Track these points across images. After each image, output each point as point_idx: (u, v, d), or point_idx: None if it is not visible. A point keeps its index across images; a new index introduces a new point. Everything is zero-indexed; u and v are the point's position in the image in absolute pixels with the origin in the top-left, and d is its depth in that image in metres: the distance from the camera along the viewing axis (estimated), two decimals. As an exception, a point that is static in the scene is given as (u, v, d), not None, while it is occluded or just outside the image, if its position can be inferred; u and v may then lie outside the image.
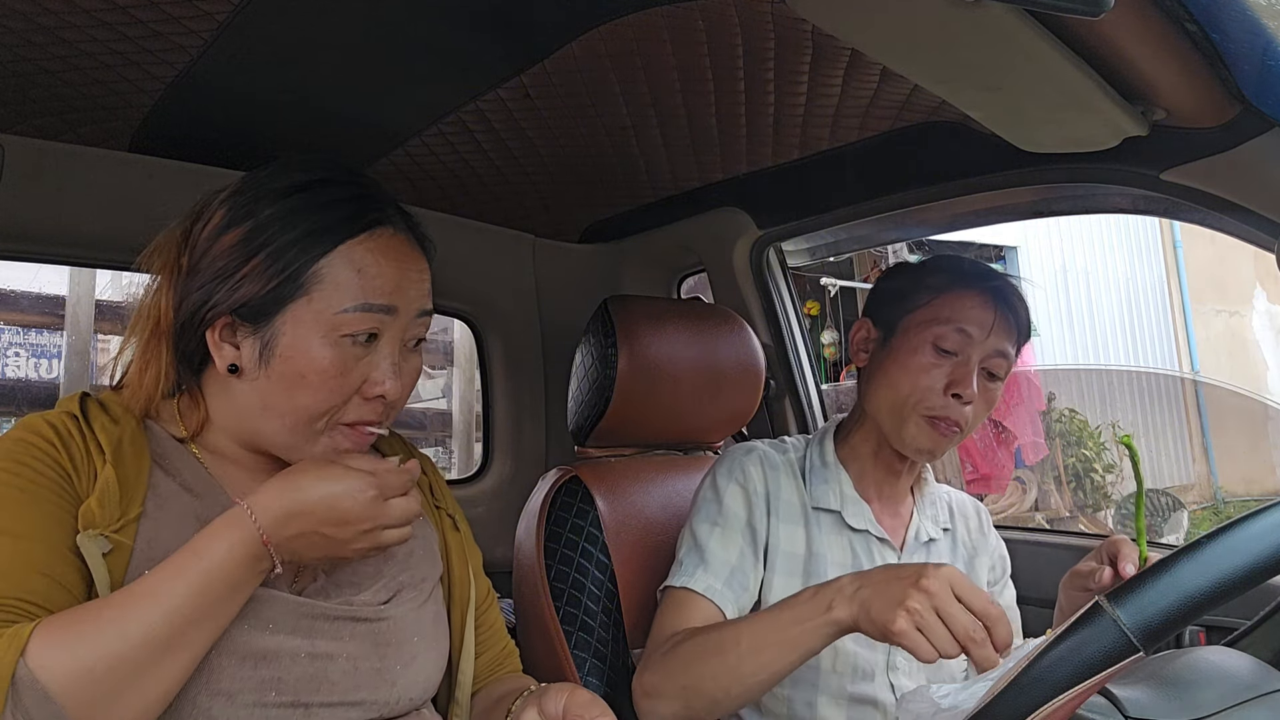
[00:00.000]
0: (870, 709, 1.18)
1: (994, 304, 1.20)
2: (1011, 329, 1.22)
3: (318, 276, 0.87)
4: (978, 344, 1.19)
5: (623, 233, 1.94)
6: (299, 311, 0.86)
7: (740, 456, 1.29)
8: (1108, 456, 6.93)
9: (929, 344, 1.20)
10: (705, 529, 1.23)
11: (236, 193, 0.91)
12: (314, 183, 0.91)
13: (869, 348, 1.29)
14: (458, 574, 1.06)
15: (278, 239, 0.87)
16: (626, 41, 1.14)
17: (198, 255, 0.89)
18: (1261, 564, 0.67)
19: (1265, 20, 0.86)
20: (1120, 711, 0.75)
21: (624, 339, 1.41)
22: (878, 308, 1.30)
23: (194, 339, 0.89)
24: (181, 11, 1.04)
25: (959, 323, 1.19)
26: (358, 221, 0.89)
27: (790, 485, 1.28)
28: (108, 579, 0.80)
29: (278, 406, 0.88)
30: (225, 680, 0.82)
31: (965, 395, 1.17)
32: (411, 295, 0.92)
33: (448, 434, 4.77)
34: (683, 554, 1.23)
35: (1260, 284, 9.89)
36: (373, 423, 0.91)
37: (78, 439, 0.85)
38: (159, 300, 0.92)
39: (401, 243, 0.92)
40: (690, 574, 1.19)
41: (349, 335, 0.87)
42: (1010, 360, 1.22)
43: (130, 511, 0.83)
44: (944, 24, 0.82)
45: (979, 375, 1.19)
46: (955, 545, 1.33)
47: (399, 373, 0.91)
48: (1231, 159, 1.04)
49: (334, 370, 0.87)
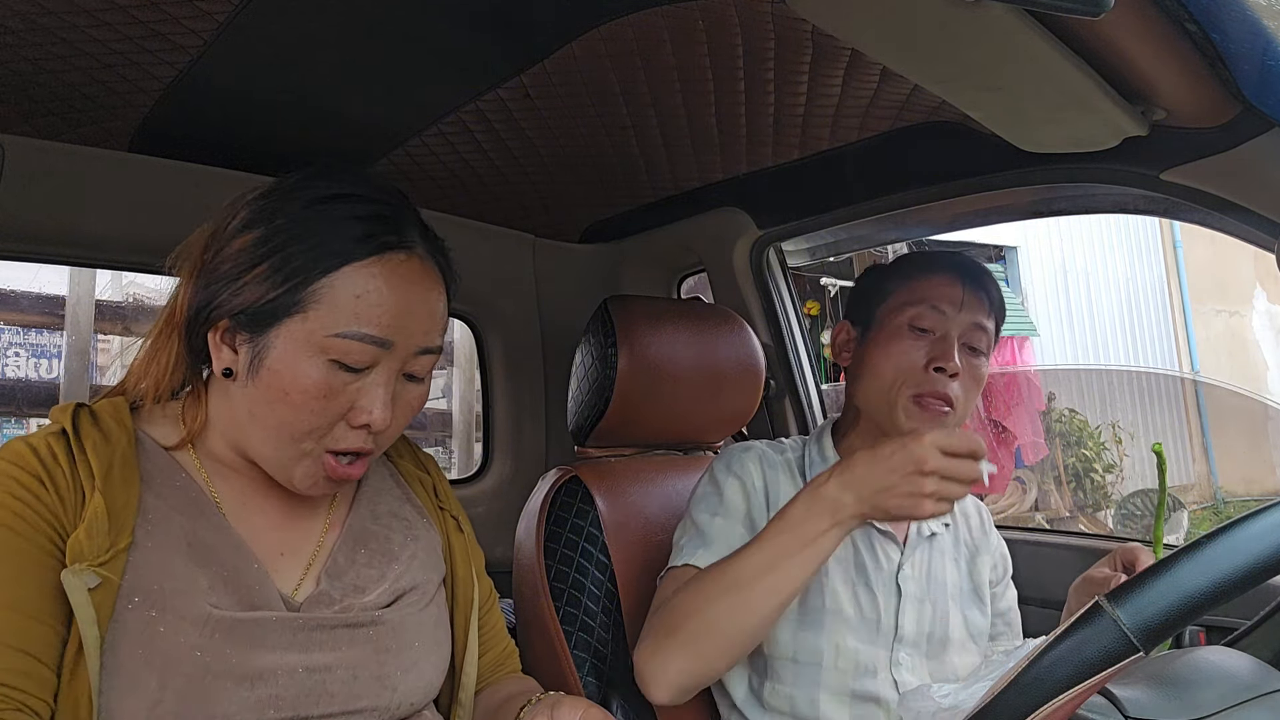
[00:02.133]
0: (873, 706, 1.18)
1: (961, 280, 1.24)
2: (984, 303, 1.24)
3: (317, 295, 0.84)
4: (953, 319, 1.22)
5: (623, 233, 1.94)
6: (293, 327, 0.84)
7: (739, 453, 1.29)
8: (1108, 456, 6.94)
9: (905, 325, 1.23)
10: (706, 517, 1.23)
11: (262, 195, 0.90)
12: (335, 197, 0.88)
13: (850, 347, 1.32)
14: (461, 575, 1.06)
15: (285, 249, 0.85)
16: (626, 41, 1.14)
17: (215, 253, 0.89)
18: (1261, 564, 0.67)
19: (1265, 20, 0.86)
20: (1120, 711, 0.75)
21: (624, 339, 1.41)
22: (854, 308, 1.35)
23: (199, 336, 0.89)
24: (181, 11, 1.04)
25: (931, 301, 1.22)
26: (368, 244, 0.86)
27: (789, 483, 1.28)
28: (93, 615, 0.77)
29: (262, 418, 0.86)
30: (222, 703, 0.80)
31: (948, 368, 1.19)
32: (413, 330, 0.88)
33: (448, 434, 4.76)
34: (683, 540, 1.22)
35: (1260, 284, 9.89)
36: (360, 451, 0.89)
37: (64, 466, 0.82)
38: (179, 294, 0.91)
39: (414, 270, 0.88)
40: (692, 553, 1.19)
41: (337, 361, 0.85)
42: (989, 335, 1.25)
43: (120, 541, 0.80)
44: (944, 24, 0.82)
45: (961, 351, 1.21)
46: (957, 542, 1.33)
47: (391, 403, 0.88)
48: (1231, 159, 1.04)
49: (317, 392, 0.84)
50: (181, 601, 0.81)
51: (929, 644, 1.23)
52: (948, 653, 1.24)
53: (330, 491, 0.93)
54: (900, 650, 1.21)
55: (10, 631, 0.76)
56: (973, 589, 1.31)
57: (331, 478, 0.89)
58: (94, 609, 0.77)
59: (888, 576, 1.24)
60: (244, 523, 0.90)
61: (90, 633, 0.77)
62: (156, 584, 0.81)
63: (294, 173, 0.91)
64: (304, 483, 0.89)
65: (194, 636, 0.80)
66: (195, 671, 0.80)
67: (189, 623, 0.81)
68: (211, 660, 0.81)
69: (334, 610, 0.90)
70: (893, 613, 1.21)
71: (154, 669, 0.79)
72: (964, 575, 1.31)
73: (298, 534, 0.94)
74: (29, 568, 0.78)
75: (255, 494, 0.93)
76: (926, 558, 1.27)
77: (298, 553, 0.93)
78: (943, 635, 1.24)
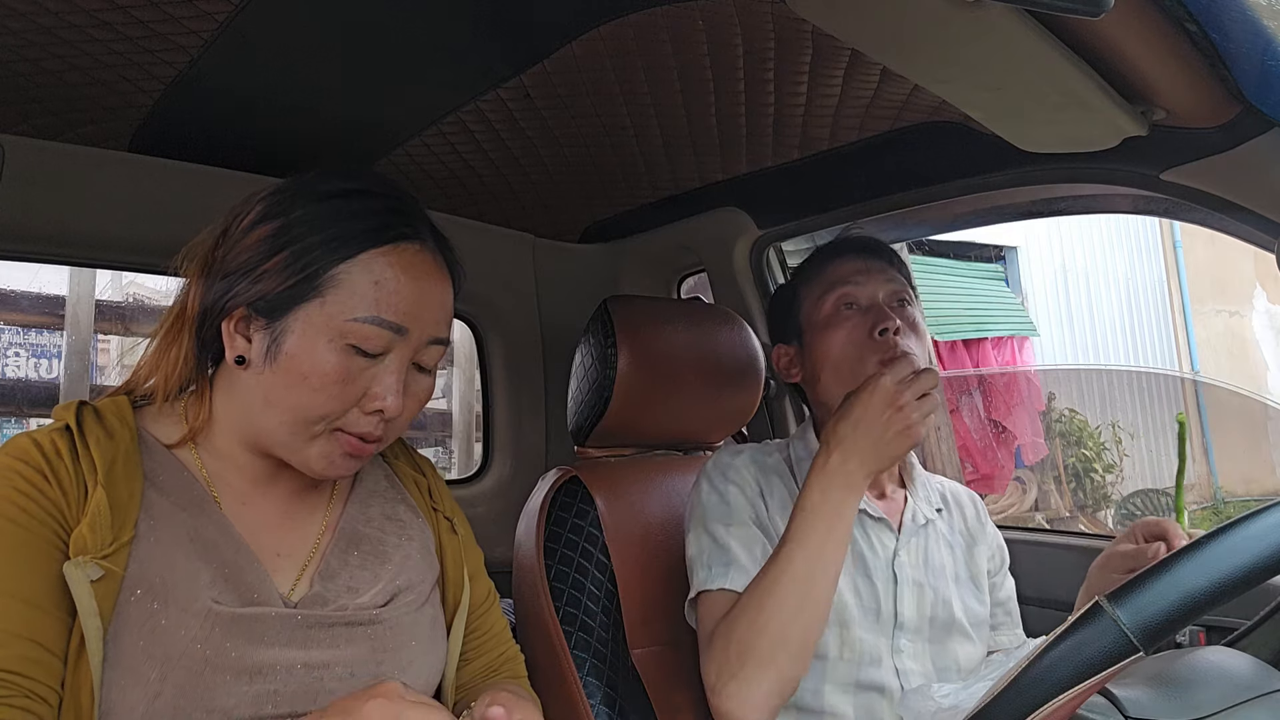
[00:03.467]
0: (877, 695, 1.18)
1: (857, 254, 1.31)
2: (885, 262, 1.31)
3: (335, 281, 0.87)
4: (867, 285, 1.28)
5: (623, 233, 1.94)
6: (311, 312, 0.87)
7: (730, 459, 1.30)
8: (1108, 456, 6.94)
9: (833, 312, 1.29)
10: (721, 529, 1.22)
11: (276, 191, 0.92)
12: (351, 191, 0.91)
13: (795, 362, 1.36)
14: (451, 577, 1.06)
15: (304, 238, 0.87)
16: (626, 41, 1.14)
17: (229, 248, 0.91)
18: (1261, 564, 0.66)
19: (1265, 20, 0.86)
20: (1120, 711, 0.75)
21: (624, 339, 1.41)
22: (779, 329, 1.40)
23: (212, 328, 0.90)
24: (181, 11, 1.04)
25: (844, 280, 1.29)
26: (384, 233, 0.89)
27: (780, 483, 1.29)
28: (95, 607, 0.78)
29: (278, 403, 0.88)
30: (221, 697, 0.81)
31: (891, 326, 1.22)
32: (426, 319, 0.91)
33: (448, 434, 4.76)
34: (706, 557, 1.21)
35: (1260, 284, 9.89)
36: (371, 436, 0.91)
37: (67, 462, 0.83)
38: (188, 293, 0.93)
39: (426, 262, 0.92)
40: (724, 574, 1.18)
41: (355, 345, 0.87)
42: (904, 286, 1.30)
43: (123, 535, 0.82)
44: (944, 24, 0.82)
45: (891, 310, 1.26)
46: (953, 530, 1.34)
47: (403, 391, 0.90)
48: (1231, 159, 1.04)
49: (335, 376, 0.87)
50: (183, 595, 0.82)
51: (930, 628, 1.23)
52: (950, 639, 1.24)
53: (347, 472, 0.93)
54: (901, 637, 1.21)
55: (18, 621, 0.77)
56: (970, 577, 1.32)
57: (350, 453, 0.91)
58: (96, 601, 0.78)
59: (884, 564, 1.24)
60: (243, 522, 0.91)
61: (92, 624, 0.78)
62: (159, 577, 0.82)
63: (306, 172, 0.94)
64: (320, 463, 0.90)
65: (195, 629, 0.81)
66: (195, 664, 0.80)
67: (190, 616, 0.81)
68: (212, 654, 0.81)
69: (329, 610, 0.91)
70: (891, 599, 1.22)
71: (155, 661, 0.79)
72: (961, 563, 1.32)
73: (295, 535, 0.95)
74: (35, 560, 0.79)
75: (254, 494, 0.94)
76: (923, 544, 1.28)
77: (294, 554, 0.94)
78: (945, 619, 1.24)
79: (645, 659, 1.32)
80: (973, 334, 6.90)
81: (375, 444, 0.92)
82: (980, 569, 1.33)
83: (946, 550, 1.30)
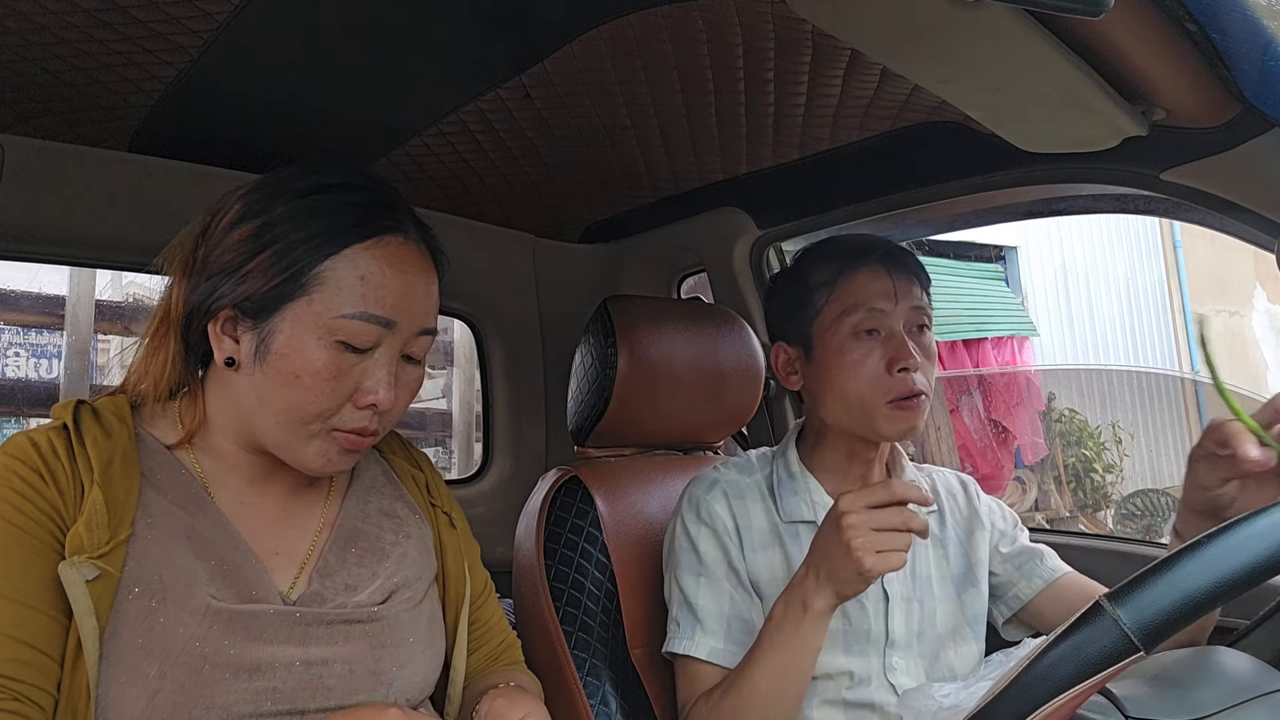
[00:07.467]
0: (868, 712, 1.17)
1: (885, 269, 1.21)
2: (912, 282, 1.22)
3: (320, 278, 0.86)
4: (893, 313, 1.20)
5: (623, 233, 1.94)
6: (298, 311, 0.86)
7: (702, 495, 1.27)
8: (1108, 456, 6.94)
9: (850, 336, 1.20)
10: (691, 582, 1.22)
11: (255, 189, 0.91)
12: (331, 186, 0.91)
13: (795, 368, 1.29)
14: (453, 572, 1.07)
15: (286, 236, 0.87)
16: (626, 41, 1.14)
17: (210, 248, 0.90)
18: (1262, 564, 0.66)
19: (1265, 20, 0.86)
20: (1120, 711, 0.75)
21: (624, 339, 1.41)
22: (783, 326, 1.31)
23: (198, 330, 0.90)
24: (181, 11, 1.04)
25: (867, 303, 1.20)
26: (368, 227, 0.89)
27: (759, 510, 1.26)
28: (90, 607, 0.78)
29: (271, 403, 0.88)
30: (220, 694, 0.81)
31: (910, 365, 1.18)
32: (414, 311, 0.91)
33: (448, 434, 4.76)
34: (675, 610, 1.23)
35: (1260, 284, 9.89)
36: (366, 431, 0.91)
37: (64, 461, 0.83)
38: (171, 293, 0.93)
39: (411, 253, 0.91)
40: (690, 636, 1.19)
41: (344, 342, 0.87)
42: (926, 308, 1.23)
43: (119, 533, 0.82)
44: (944, 24, 0.82)
45: (910, 336, 1.20)
46: (945, 526, 1.31)
47: (394, 384, 0.90)
48: (1231, 159, 1.04)
49: (326, 374, 0.86)
50: (181, 592, 0.82)
51: (920, 643, 1.22)
52: (943, 649, 1.23)
53: (345, 467, 0.94)
54: (893, 655, 1.20)
55: (10, 622, 0.77)
56: (967, 570, 1.29)
57: (346, 449, 0.91)
58: (92, 601, 0.78)
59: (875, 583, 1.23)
60: (241, 520, 0.91)
61: (88, 624, 0.78)
62: (156, 575, 0.82)
63: (280, 168, 0.93)
64: (317, 462, 0.90)
65: (193, 627, 0.81)
66: (194, 662, 0.80)
67: (189, 613, 0.82)
68: (210, 651, 0.81)
69: (327, 608, 0.91)
70: (883, 618, 1.21)
71: (154, 658, 0.79)
72: (955, 560, 1.29)
73: (293, 533, 0.95)
74: (30, 559, 0.79)
75: (252, 492, 0.94)
76: (910, 556, 1.26)
77: (292, 552, 0.94)
78: (933, 634, 1.23)
79: (645, 659, 1.32)
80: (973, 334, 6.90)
81: (371, 438, 0.92)
82: (980, 558, 1.30)
83: (938, 554, 1.28)
